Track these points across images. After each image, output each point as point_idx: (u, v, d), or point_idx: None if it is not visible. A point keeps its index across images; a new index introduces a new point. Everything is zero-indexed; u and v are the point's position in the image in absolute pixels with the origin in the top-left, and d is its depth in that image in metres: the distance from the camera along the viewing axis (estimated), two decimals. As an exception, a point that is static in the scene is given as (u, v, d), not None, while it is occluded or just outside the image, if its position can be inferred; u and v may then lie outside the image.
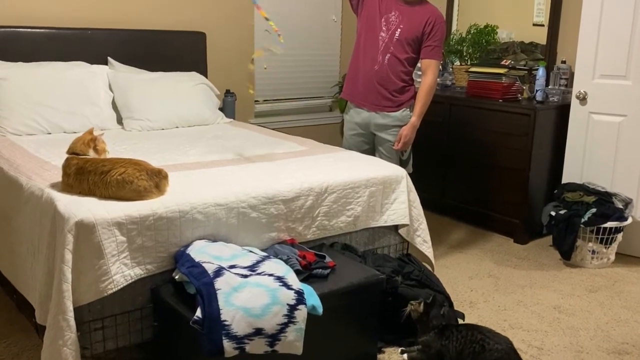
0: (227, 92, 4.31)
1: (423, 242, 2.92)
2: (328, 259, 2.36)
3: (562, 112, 3.82)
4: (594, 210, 3.43)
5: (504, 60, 4.22)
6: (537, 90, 3.85)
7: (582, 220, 3.43)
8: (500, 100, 3.88)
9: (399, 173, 2.85)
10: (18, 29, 3.50)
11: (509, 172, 3.85)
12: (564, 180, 3.80)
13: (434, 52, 3.19)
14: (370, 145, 3.38)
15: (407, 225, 2.84)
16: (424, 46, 3.19)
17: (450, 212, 4.22)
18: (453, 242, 3.83)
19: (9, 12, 3.52)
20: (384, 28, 3.19)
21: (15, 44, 3.45)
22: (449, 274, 3.31)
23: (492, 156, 3.93)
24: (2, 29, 3.44)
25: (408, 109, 3.26)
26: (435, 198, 4.21)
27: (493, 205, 3.98)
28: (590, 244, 3.47)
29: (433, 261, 2.96)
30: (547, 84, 3.94)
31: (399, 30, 3.17)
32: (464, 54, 4.41)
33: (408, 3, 3.19)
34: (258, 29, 4.50)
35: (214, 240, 2.27)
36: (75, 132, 3.16)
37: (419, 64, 3.28)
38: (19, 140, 3.06)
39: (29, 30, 3.53)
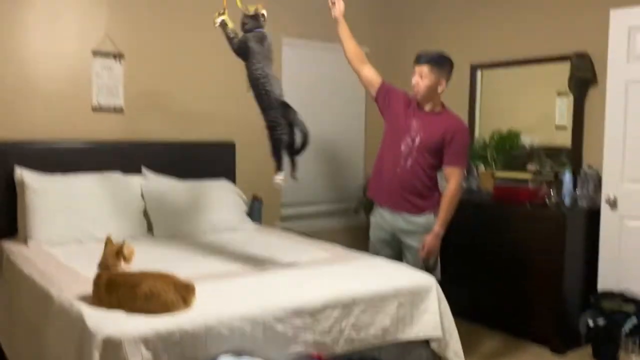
0: (254, 198, 4.39)
1: (455, 355, 2.81)
2: (357, 376, 2.28)
3: (593, 216, 3.76)
4: (635, 320, 3.29)
5: (530, 165, 4.24)
6: (565, 195, 3.84)
7: (624, 331, 3.28)
8: (528, 205, 3.86)
9: (428, 282, 2.80)
10: (58, 143, 3.69)
11: (541, 277, 3.75)
12: (600, 286, 3.68)
13: (455, 159, 3.21)
14: (395, 249, 3.35)
15: (439, 337, 2.75)
16: (446, 154, 3.21)
17: (481, 319, 4.09)
18: (486, 353, 3.68)
19: (50, 126, 3.73)
20: (406, 134, 3.25)
21: (55, 157, 3.62)
22: (483, 388, 3.15)
23: (522, 261, 3.85)
24: (43, 144, 3.64)
25: (432, 215, 3.25)
26: (466, 305, 4.09)
27: (526, 312, 3.85)
28: (634, 356, 3.29)
29: (466, 376, 2.83)
30: (574, 189, 3.91)
31: (419, 137, 3.22)
32: (489, 159, 4.45)
33: (430, 112, 3.27)
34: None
35: (239, 355, 2.22)
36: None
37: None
38: (52, 249, 3.13)
39: (68, 144, 3.72)
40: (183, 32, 4.22)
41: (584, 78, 3.97)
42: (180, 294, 2.21)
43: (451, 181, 3.20)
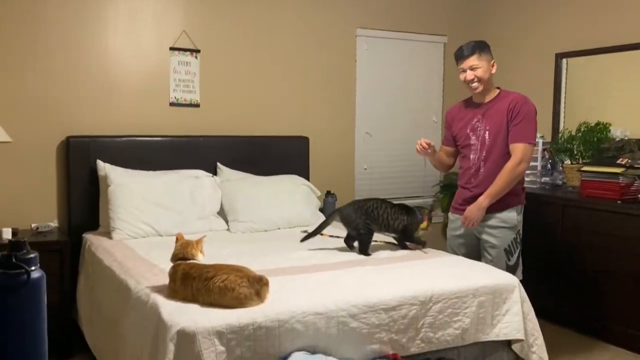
0: (328, 192, 4.35)
1: (539, 359, 2.65)
2: (435, 377, 2.18)
3: (692, 214, 3.46)
4: None
5: (620, 159, 3.95)
6: (660, 191, 3.55)
7: None
8: (619, 202, 3.60)
9: (511, 281, 2.65)
10: (137, 138, 3.78)
11: (632, 279, 3.49)
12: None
13: (516, 135, 3.03)
14: (472, 248, 3.22)
15: (521, 340, 2.60)
16: (509, 132, 3.05)
17: (566, 322, 3.85)
18: (569, 356, 3.46)
19: (129, 122, 3.83)
20: (472, 138, 3.15)
21: (134, 151, 3.72)
22: (570, 396, 2.95)
23: (612, 262, 3.60)
24: (123, 139, 3.74)
25: (515, 211, 3.10)
26: (549, 307, 3.87)
27: (614, 316, 3.59)
28: None
29: (552, 381, 2.67)
30: (671, 184, 3.62)
31: (487, 132, 3.10)
32: (575, 152, 4.19)
33: (489, 101, 3.14)
34: (358, 132, 4.60)
35: (313, 352, 2.18)
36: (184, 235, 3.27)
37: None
38: (131, 242, 3.21)
39: (146, 138, 3.80)
40: (258, 27, 4.23)
41: (683, 64, 3.65)
42: (254, 287, 2.18)
43: (512, 157, 3.01)
